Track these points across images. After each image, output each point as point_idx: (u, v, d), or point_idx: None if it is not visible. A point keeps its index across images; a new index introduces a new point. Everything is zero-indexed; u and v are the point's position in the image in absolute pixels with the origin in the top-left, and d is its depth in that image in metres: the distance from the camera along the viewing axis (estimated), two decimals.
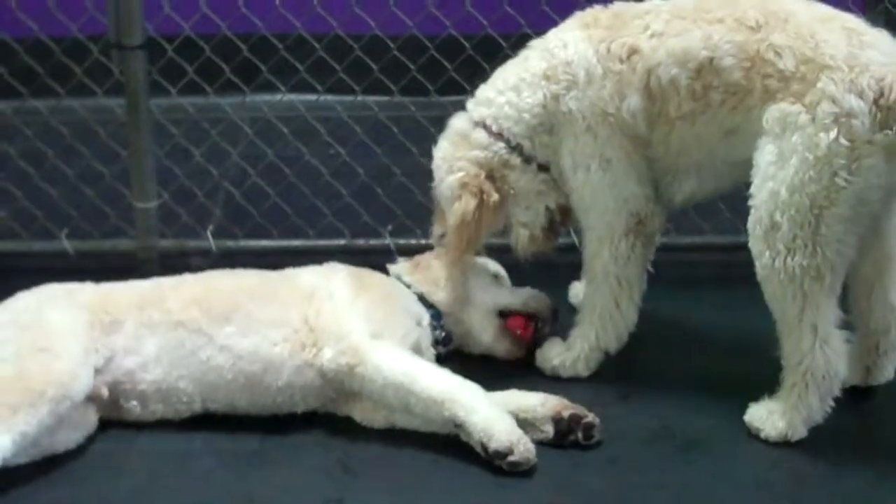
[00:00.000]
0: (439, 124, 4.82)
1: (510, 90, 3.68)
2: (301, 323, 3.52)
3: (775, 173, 3.26)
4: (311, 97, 5.00)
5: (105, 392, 3.44)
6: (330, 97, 5.00)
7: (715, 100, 3.40)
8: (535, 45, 3.72)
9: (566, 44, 3.59)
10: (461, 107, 3.91)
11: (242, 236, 4.62)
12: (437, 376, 3.40)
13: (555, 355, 3.76)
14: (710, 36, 3.39)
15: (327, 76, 4.90)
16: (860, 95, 3.19)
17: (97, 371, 3.41)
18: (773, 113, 3.29)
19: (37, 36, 4.68)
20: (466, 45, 4.89)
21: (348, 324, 3.50)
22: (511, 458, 3.26)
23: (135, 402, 3.49)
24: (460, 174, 3.71)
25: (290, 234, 4.62)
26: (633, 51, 3.47)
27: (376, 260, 4.06)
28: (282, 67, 4.90)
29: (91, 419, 3.46)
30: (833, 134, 3.19)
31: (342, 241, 4.59)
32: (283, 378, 3.48)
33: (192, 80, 4.79)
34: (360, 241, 4.60)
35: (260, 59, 4.84)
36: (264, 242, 4.59)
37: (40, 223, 4.61)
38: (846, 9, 5.13)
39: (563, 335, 3.83)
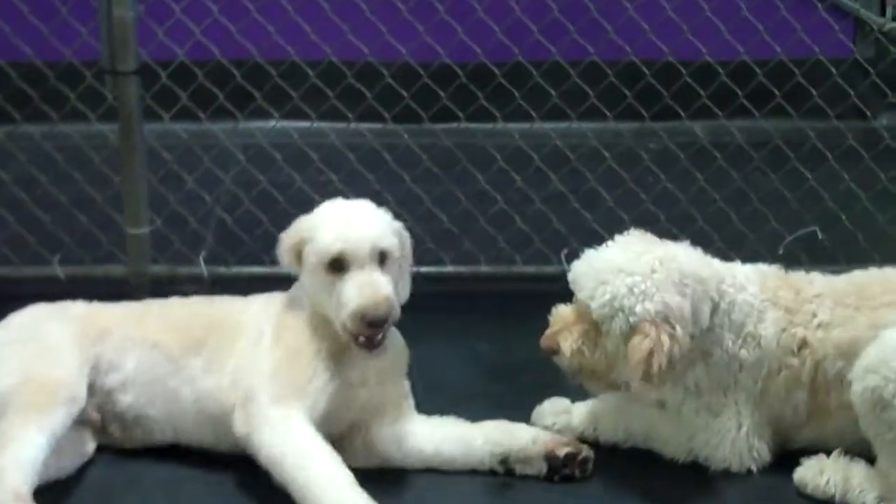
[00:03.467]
0: (432, 151, 4.86)
1: None
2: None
3: None
4: (305, 124, 5.01)
5: (95, 416, 3.44)
6: (323, 124, 5.02)
7: None
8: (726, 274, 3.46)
9: (759, 312, 3.41)
10: (454, 134, 3.92)
11: (234, 263, 4.61)
12: (328, 482, 3.09)
13: None
14: (875, 324, 3.32)
15: (320, 103, 4.92)
16: None
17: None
18: None
19: (31, 61, 4.69)
20: (460, 73, 4.91)
21: (257, 383, 3.26)
22: None
23: (115, 426, 3.48)
24: None
25: None
26: (803, 343, 3.39)
27: None
28: (275, 94, 4.91)
29: (88, 444, 3.46)
30: None
31: None
32: None
33: (185, 106, 4.80)
34: None
35: (253, 85, 4.85)
36: (256, 269, 4.57)
37: (32, 248, 4.61)
38: (836, 40, 5.26)
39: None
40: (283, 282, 4.34)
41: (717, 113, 4.98)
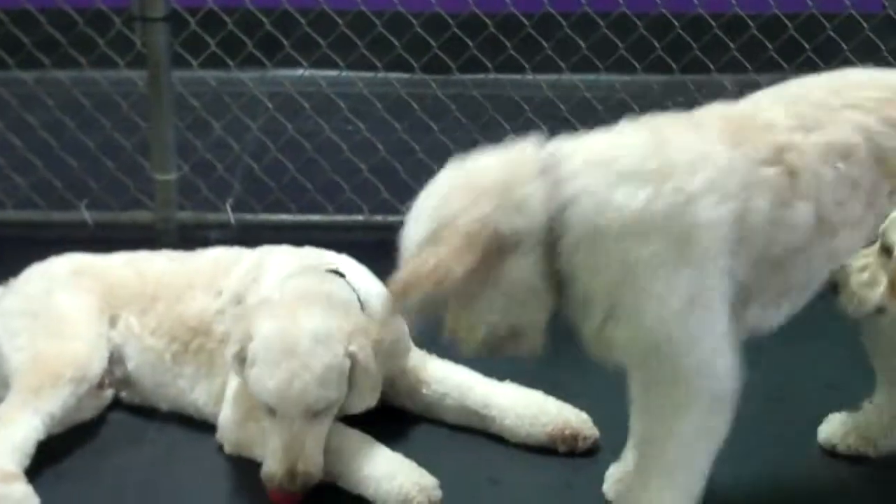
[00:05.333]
0: (460, 102, 4.85)
1: None
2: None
3: None
4: (333, 73, 5.01)
5: (107, 383, 3.44)
6: (351, 73, 5.02)
7: None
8: None
9: None
10: (482, 84, 3.92)
11: (261, 210, 4.62)
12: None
13: None
14: None
15: (349, 52, 4.92)
16: None
17: None
18: None
19: (60, 6, 4.69)
20: (489, 23, 4.89)
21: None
22: None
23: (125, 393, 3.49)
24: None
25: (309, 209, 4.62)
26: None
27: (394, 236, 4.02)
28: (304, 42, 4.90)
29: (106, 394, 3.45)
30: None
31: (360, 217, 4.60)
32: None
33: (213, 54, 4.81)
34: (379, 217, 4.60)
35: (282, 33, 4.85)
36: (283, 217, 4.59)
37: (60, 194, 4.62)
38: None
39: None
40: (308, 229, 4.39)
41: (747, 66, 4.96)
